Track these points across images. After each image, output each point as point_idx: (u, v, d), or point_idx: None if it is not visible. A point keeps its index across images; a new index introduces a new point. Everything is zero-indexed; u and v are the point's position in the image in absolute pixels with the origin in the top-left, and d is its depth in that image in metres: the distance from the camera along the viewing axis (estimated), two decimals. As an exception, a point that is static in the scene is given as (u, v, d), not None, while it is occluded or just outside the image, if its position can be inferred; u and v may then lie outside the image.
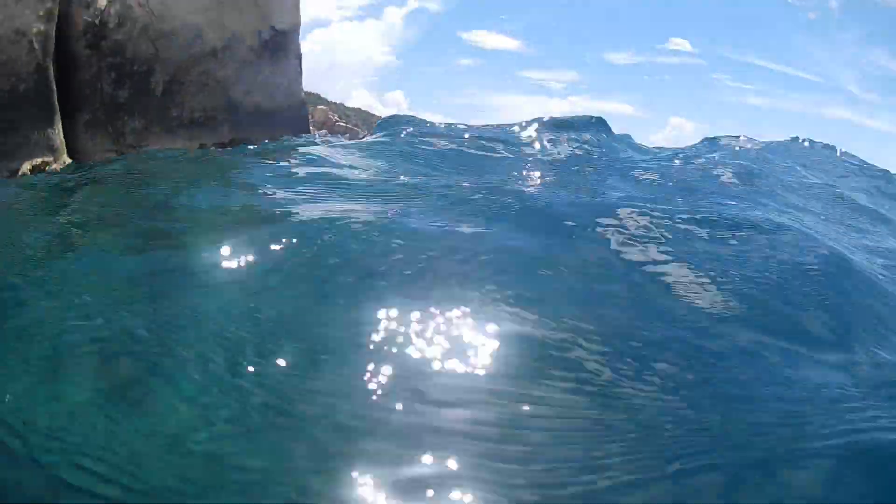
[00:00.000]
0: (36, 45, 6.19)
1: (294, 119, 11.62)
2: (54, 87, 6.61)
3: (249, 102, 10.41)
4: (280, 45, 11.02)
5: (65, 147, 7.15)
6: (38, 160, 6.58)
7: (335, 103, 32.97)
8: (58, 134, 6.83)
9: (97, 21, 7.98)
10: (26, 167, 6.41)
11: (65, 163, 7.36)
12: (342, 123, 26.81)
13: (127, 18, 8.20)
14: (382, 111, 38.73)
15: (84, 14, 7.84)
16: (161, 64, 9.07)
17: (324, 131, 24.28)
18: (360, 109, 36.14)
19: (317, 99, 31.55)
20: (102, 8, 8.37)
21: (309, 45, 51.29)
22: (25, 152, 6.36)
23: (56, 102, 6.66)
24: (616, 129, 8.02)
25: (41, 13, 6.46)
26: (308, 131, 13.43)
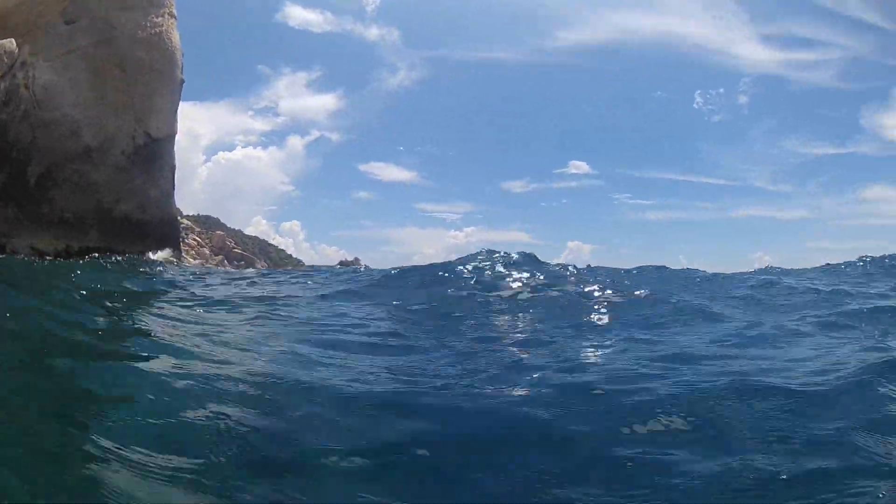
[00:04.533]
0: None
1: (165, 235, 11.59)
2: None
3: (119, 210, 10.55)
4: (154, 153, 11.23)
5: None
6: None
7: (234, 230, 32.32)
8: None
9: (-16, 91, 7.73)
10: None
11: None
12: (238, 250, 26.20)
13: (13, 98, 8.22)
14: (280, 241, 38.52)
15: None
16: (38, 154, 9.08)
17: (220, 257, 23.49)
18: (257, 238, 35.60)
19: (216, 223, 30.77)
20: (-7, 78, 7.97)
21: (211, 169, 51.31)
22: None
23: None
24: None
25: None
26: (179, 248, 12.93)
